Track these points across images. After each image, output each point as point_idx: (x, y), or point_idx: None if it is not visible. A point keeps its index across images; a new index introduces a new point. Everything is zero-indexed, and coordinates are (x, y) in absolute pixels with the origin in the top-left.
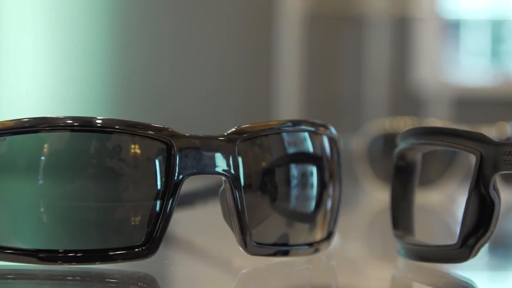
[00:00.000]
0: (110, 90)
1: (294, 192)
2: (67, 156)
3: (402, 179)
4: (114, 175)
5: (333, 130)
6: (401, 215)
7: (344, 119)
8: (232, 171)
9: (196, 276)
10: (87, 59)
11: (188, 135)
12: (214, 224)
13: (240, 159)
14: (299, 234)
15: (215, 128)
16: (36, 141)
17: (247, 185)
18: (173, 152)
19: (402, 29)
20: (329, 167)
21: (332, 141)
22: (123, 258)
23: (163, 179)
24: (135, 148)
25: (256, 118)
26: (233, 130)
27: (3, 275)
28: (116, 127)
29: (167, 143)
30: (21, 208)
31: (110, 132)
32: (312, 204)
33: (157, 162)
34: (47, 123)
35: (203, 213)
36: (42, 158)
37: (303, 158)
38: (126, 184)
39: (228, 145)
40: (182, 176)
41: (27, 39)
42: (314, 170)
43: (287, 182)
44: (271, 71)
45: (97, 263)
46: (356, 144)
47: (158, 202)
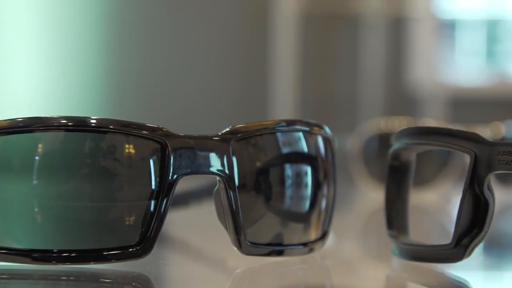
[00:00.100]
0: (105, 89)
1: (289, 192)
2: (61, 156)
3: (397, 179)
4: (108, 175)
5: (327, 130)
6: (395, 215)
7: (339, 119)
8: (227, 171)
9: (191, 276)
10: (81, 58)
11: (182, 135)
12: (208, 224)
13: (234, 159)
14: (294, 234)
15: (211, 128)
16: (30, 141)
17: (241, 185)
18: (167, 152)
19: (398, 29)
20: (323, 167)
21: (327, 141)
22: (117, 258)
23: (157, 179)
24: (129, 148)
25: (251, 118)
26: (227, 130)
27: None
28: (111, 127)
29: (161, 143)
30: (15, 208)
31: (105, 132)
32: (307, 204)
33: (151, 162)
34: (41, 123)
35: (198, 213)
36: (36, 158)
37: (298, 158)
38: (120, 184)
39: (223, 145)
40: (176, 176)
41: (21, 38)
42: (308, 170)
43: (282, 182)
44: (266, 71)
45: (91, 263)
46: (351, 144)
47: (152, 202)
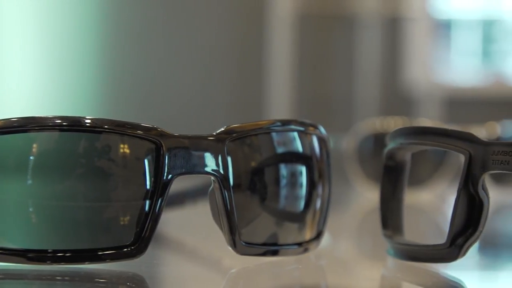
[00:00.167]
0: (100, 89)
1: (283, 191)
2: (56, 156)
3: (392, 179)
4: (103, 175)
5: (322, 130)
6: (390, 215)
7: (335, 119)
8: (221, 171)
9: (185, 276)
10: (76, 58)
11: (177, 134)
12: (203, 224)
13: (229, 159)
14: (288, 233)
15: (206, 128)
16: (25, 141)
17: (236, 185)
18: (162, 152)
19: (393, 29)
20: (318, 166)
21: (322, 140)
22: (112, 258)
23: (152, 179)
24: (124, 148)
25: (247, 118)
26: (222, 129)
27: None
28: (105, 127)
29: (156, 143)
30: (9, 208)
31: (99, 132)
32: (301, 203)
33: (146, 162)
34: (36, 123)
35: (192, 213)
36: (31, 158)
37: (293, 158)
38: (115, 184)
39: (217, 144)
40: (171, 176)
41: (16, 38)
42: (303, 170)
43: (276, 182)
44: (262, 71)
45: (86, 263)
46: (347, 143)
47: (147, 202)
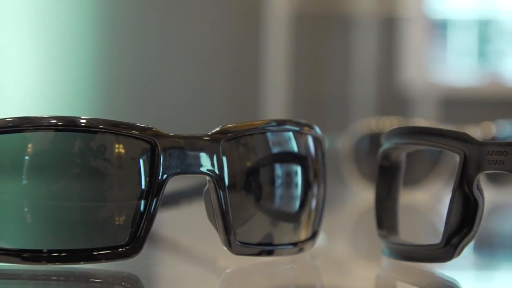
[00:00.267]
0: (95, 89)
1: (278, 191)
2: (51, 156)
3: (387, 179)
4: (98, 175)
5: (317, 130)
6: (385, 215)
7: (331, 119)
8: (216, 171)
9: (180, 276)
10: (72, 58)
11: (172, 134)
12: (198, 223)
13: (224, 159)
14: (284, 233)
15: (202, 128)
16: (20, 141)
17: (231, 184)
18: (157, 152)
19: (389, 29)
20: (313, 166)
21: (317, 140)
22: (107, 258)
23: (147, 178)
24: (119, 148)
25: (243, 118)
26: (217, 129)
27: None
28: (100, 126)
29: (151, 143)
30: (4, 208)
31: (94, 132)
32: (297, 203)
33: (141, 162)
34: (31, 123)
35: (188, 213)
36: (26, 158)
37: (288, 157)
38: (110, 183)
39: (212, 144)
40: (166, 176)
41: (12, 38)
42: (298, 169)
43: (271, 181)
44: (258, 71)
45: (81, 263)
46: (342, 143)
47: (142, 202)
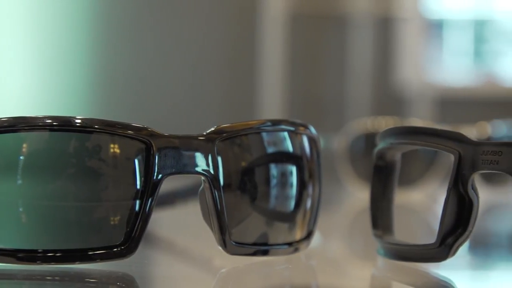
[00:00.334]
0: (91, 89)
1: (274, 191)
2: (46, 156)
3: (382, 179)
4: (93, 175)
5: (313, 130)
6: (380, 215)
7: (327, 119)
8: (211, 171)
9: (175, 275)
10: (67, 58)
11: (167, 134)
12: (194, 223)
13: (219, 159)
14: (279, 233)
15: (198, 128)
16: (15, 140)
17: (226, 184)
18: (152, 152)
19: (385, 29)
20: (308, 166)
21: (312, 140)
22: (102, 258)
23: (142, 178)
24: (114, 148)
25: (238, 118)
26: (212, 129)
27: None
28: (95, 126)
29: (146, 143)
30: None
31: (90, 132)
32: (292, 203)
33: (136, 162)
34: (26, 123)
35: (183, 212)
36: (21, 158)
37: (283, 157)
38: (105, 183)
39: (207, 144)
40: (161, 176)
41: (8, 38)
42: (293, 169)
43: (267, 181)
44: (253, 71)
45: (76, 262)
46: (338, 143)
47: (137, 202)
